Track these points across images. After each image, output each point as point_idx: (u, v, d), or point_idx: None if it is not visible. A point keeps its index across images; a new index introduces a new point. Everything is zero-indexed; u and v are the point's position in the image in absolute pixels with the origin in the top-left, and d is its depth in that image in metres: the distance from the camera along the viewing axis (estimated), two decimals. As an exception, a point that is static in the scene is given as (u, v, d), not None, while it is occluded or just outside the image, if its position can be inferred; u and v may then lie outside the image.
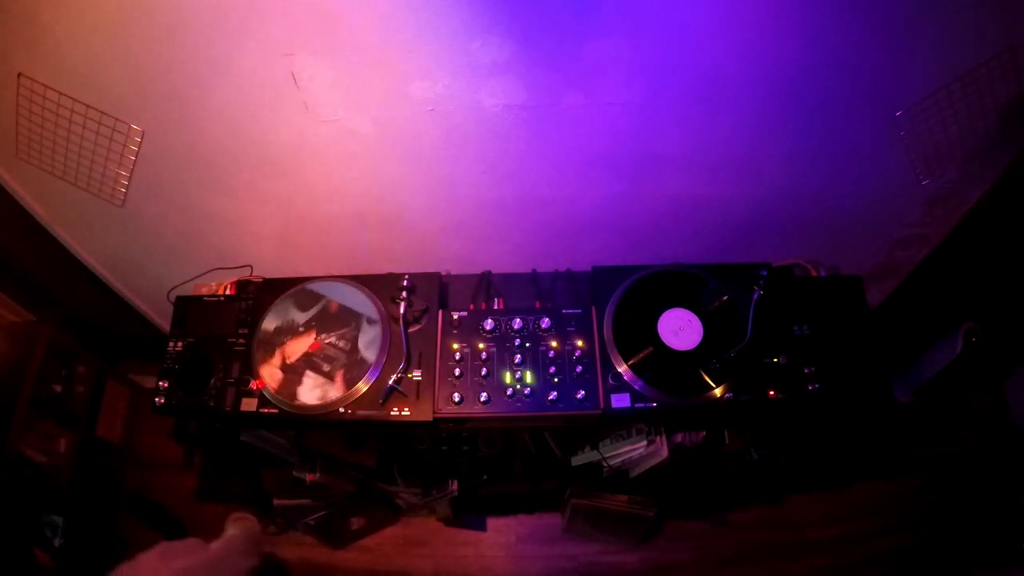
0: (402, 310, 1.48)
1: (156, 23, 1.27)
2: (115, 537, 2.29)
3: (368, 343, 1.50)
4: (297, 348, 1.51)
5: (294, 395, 1.46)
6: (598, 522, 2.32)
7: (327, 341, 1.51)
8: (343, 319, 1.54)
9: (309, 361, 1.50)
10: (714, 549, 2.53)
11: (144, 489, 2.60)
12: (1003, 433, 2.41)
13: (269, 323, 1.55)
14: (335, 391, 1.46)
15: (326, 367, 1.49)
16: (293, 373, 1.49)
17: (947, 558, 2.40)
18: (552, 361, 1.48)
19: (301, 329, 1.53)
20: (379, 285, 1.58)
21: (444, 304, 1.62)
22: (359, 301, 1.55)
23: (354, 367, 1.48)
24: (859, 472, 2.64)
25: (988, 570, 2.28)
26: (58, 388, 2.17)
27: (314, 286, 1.59)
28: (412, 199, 1.73)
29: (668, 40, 1.30)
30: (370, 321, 1.52)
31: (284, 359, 1.50)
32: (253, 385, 1.49)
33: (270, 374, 1.49)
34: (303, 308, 1.56)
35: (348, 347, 1.50)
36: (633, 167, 1.62)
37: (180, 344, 1.57)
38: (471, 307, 1.59)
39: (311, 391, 1.47)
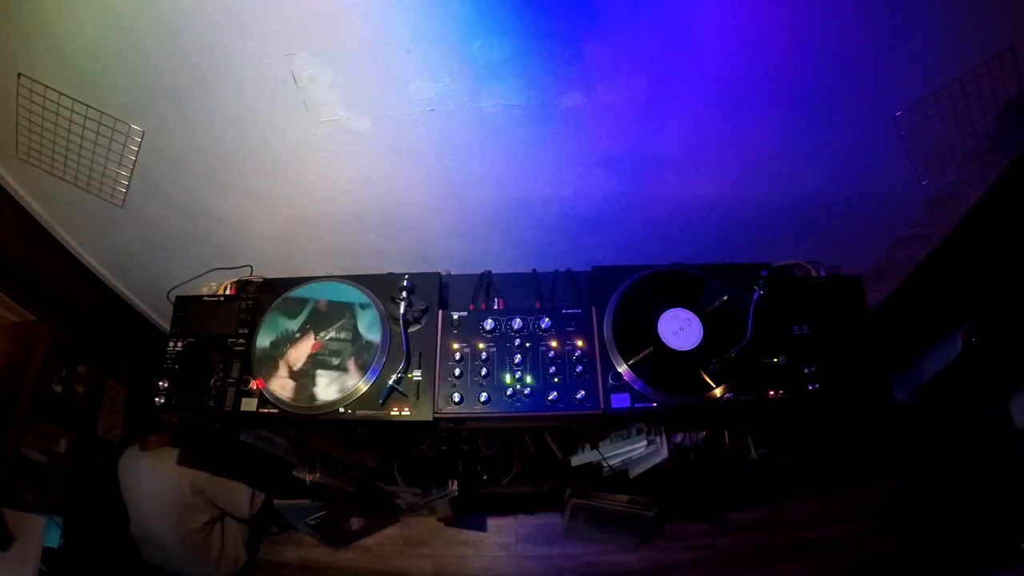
0: (402, 310, 1.48)
1: (156, 23, 1.27)
2: (115, 537, 2.29)
3: (368, 326, 1.51)
4: (300, 354, 1.51)
5: (312, 396, 1.46)
6: (598, 522, 2.32)
7: (327, 337, 1.51)
8: (336, 313, 1.54)
9: (316, 361, 1.50)
10: (714, 549, 2.54)
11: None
12: (1003, 433, 2.41)
13: (263, 339, 1.54)
14: (352, 379, 1.47)
15: (335, 360, 1.49)
16: (305, 377, 1.49)
17: (947, 558, 2.40)
18: (552, 361, 1.48)
19: (297, 335, 1.53)
20: (379, 285, 1.58)
21: (444, 304, 1.62)
22: (343, 292, 1.56)
23: (363, 351, 1.49)
24: (859, 472, 2.64)
25: (988, 570, 2.28)
26: (58, 388, 2.17)
27: (295, 292, 1.59)
28: (412, 199, 1.73)
29: (668, 40, 1.30)
30: (362, 306, 1.54)
31: (290, 368, 1.50)
32: (253, 385, 1.49)
33: (281, 385, 1.48)
34: (292, 315, 1.56)
35: (350, 335, 1.51)
36: (633, 167, 1.62)
37: (180, 344, 1.57)
38: (471, 307, 1.59)
39: (328, 387, 1.47)
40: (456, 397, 1.43)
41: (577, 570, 2.51)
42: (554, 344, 1.50)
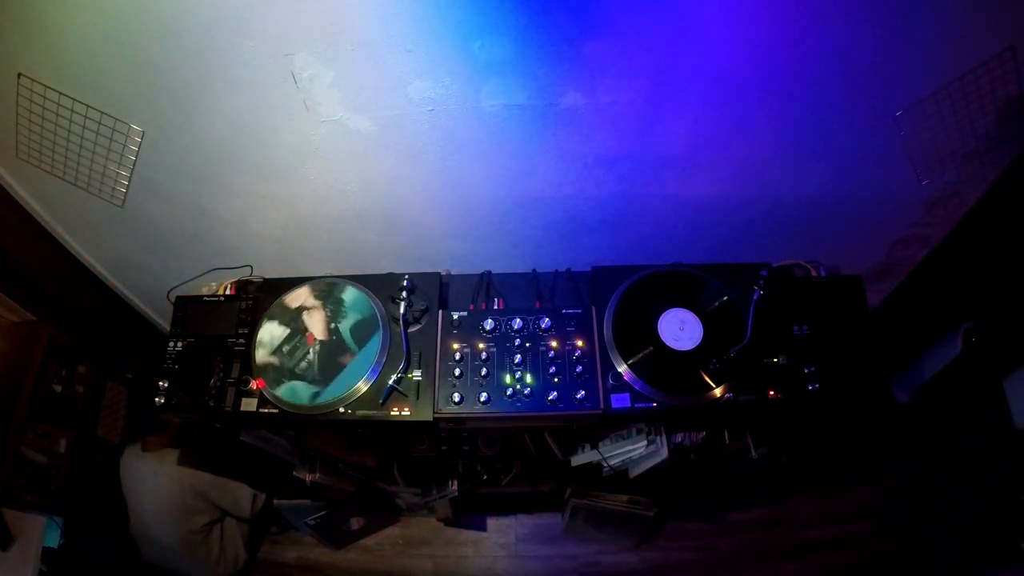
0: (402, 310, 1.48)
1: (156, 23, 1.27)
2: (115, 537, 2.29)
3: (298, 389, 1.47)
4: (310, 320, 1.55)
5: (256, 322, 1.56)
6: (598, 522, 2.32)
7: (317, 343, 1.51)
8: (336, 363, 1.49)
9: (294, 339, 1.52)
10: (714, 549, 2.54)
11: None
12: (1003, 433, 2.41)
13: (340, 290, 1.58)
14: (262, 358, 1.51)
15: (286, 356, 1.51)
16: (288, 318, 1.55)
17: (947, 558, 2.40)
18: (552, 361, 1.48)
19: (332, 325, 1.54)
20: (379, 285, 1.58)
21: (444, 304, 1.62)
22: (371, 362, 1.48)
23: (283, 382, 1.48)
24: (859, 472, 2.64)
25: (988, 570, 2.28)
26: (58, 388, 2.17)
27: (380, 315, 1.53)
28: (412, 199, 1.73)
29: (668, 40, 1.30)
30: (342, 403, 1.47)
31: (299, 307, 1.56)
32: (253, 385, 1.49)
33: (284, 302, 1.57)
34: (353, 307, 1.56)
35: (310, 371, 1.49)
36: (633, 167, 1.62)
37: (180, 344, 1.57)
38: (471, 307, 1.59)
39: (265, 341, 1.53)
40: (456, 397, 1.44)
41: (577, 570, 2.51)
42: (554, 344, 1.50)
